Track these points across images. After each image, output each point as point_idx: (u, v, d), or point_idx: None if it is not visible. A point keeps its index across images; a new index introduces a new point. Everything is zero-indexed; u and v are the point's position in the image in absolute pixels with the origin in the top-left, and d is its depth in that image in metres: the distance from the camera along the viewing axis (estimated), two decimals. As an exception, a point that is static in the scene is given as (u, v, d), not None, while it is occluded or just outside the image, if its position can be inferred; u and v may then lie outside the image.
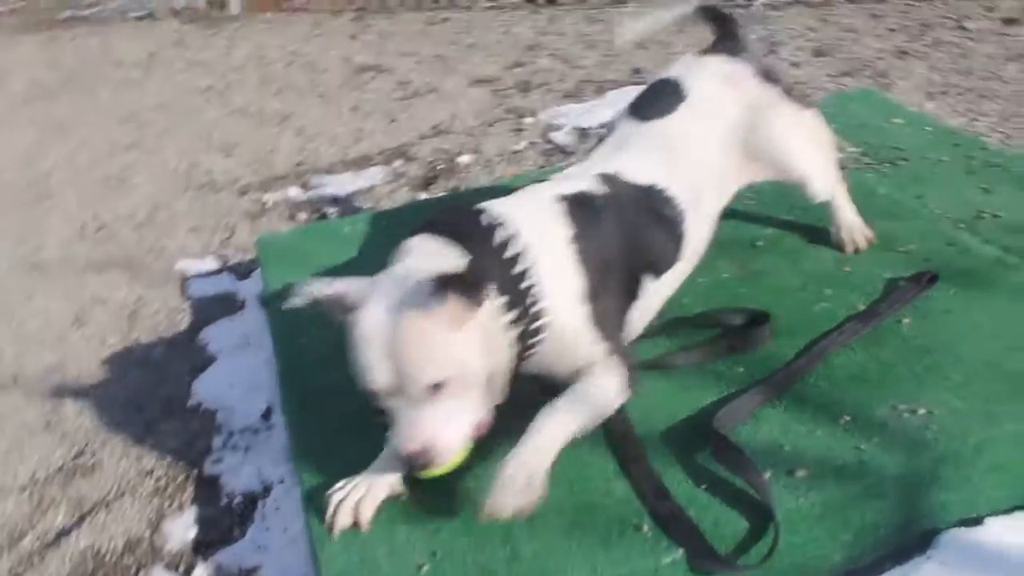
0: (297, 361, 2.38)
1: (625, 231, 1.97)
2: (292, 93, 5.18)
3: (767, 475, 1.70)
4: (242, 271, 3.35)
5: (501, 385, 1.76)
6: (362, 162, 4.11)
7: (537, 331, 1.80)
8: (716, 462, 1.76)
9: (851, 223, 2.43)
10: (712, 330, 2.15)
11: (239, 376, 2.74)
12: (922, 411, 1.80)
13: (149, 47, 6.53)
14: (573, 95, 4.50)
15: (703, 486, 1.73)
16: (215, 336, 3.00)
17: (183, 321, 3.13)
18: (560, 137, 3.97)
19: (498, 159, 3.88)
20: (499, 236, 1.79)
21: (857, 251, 2.39)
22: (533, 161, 3.82)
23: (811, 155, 2.31)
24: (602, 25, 5.51)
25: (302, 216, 3.69)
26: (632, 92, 2.38)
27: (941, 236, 2.41)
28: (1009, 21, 4.69)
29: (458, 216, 1.86)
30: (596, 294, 1.87)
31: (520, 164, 3.80)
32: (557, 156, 3.84)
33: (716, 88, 2.26)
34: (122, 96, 5.62)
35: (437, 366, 1.61)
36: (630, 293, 1.99)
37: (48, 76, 6.23)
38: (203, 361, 2.87)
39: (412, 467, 1.66)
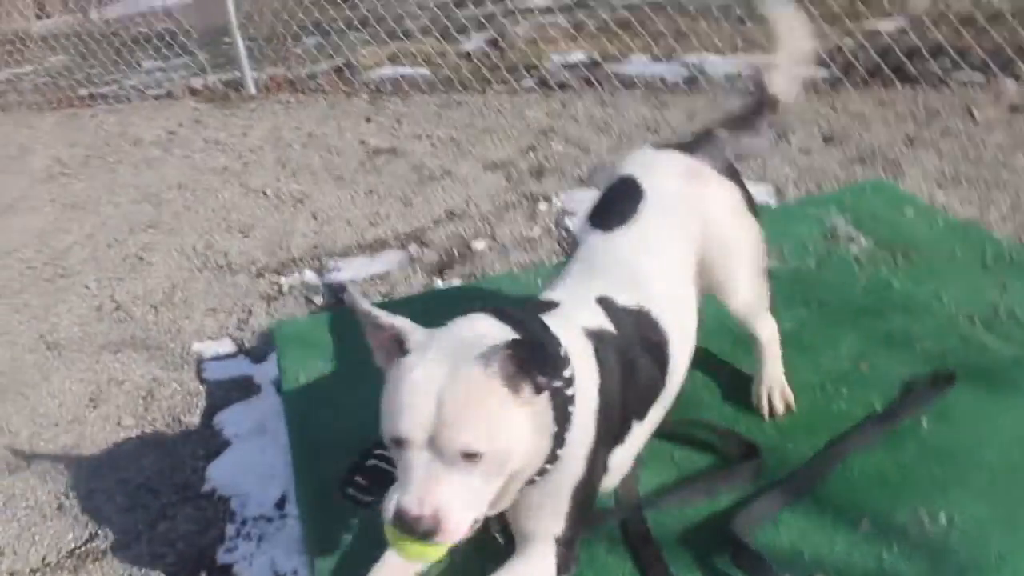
0: (312, 451, 2.39)
1: (626, 377, 1.80)
2: (308, 174, 5.24)
3: (787, 582, 1.69)
4: (258, 355, 3.36)
5: (513, 492, 1.65)
6: (377, 246, 4.14)
7: (553, 461, 1.66)
8: (735, 567, 1.75)
9: (773, 377, 2.26)
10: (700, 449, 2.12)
11: (254, 463, 2.74)
12: (943, 517, 1.80)
13: (168, 126, 6.62)
14: (586, 181, 4.54)
15: (723, 591, 1.73)
16: (230, 421, 3.00)
17: (198, 404, 3.14)
18: (575, 224, 4.00)
19: (513, 245, 3.91)
20: (563, 351, 1.66)
21: (773, 416, 2.20)
22: (548, 248, 3.85)
23: (747, 281, 2.16)
24: (614, 110, 5.58)
25: (318, 300, 3.72)
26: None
27: (957, 333, 2.42)
28: (1015, 108, 4.74)
29: (527, 317, 1.69)
30: (595, 459, 1.73)
31: (535, 251, 3.83)
32: (572, 243, 3.85)
33: (674, 184, 2.10)
34: (141, 175, 5.69)
35: (484, 435, 1.48)
36: (616, 441, 1.83)
37: (68, 154, 6.32)
38: (218, 446, 2.87)
39: (406, 530, 1.48)
